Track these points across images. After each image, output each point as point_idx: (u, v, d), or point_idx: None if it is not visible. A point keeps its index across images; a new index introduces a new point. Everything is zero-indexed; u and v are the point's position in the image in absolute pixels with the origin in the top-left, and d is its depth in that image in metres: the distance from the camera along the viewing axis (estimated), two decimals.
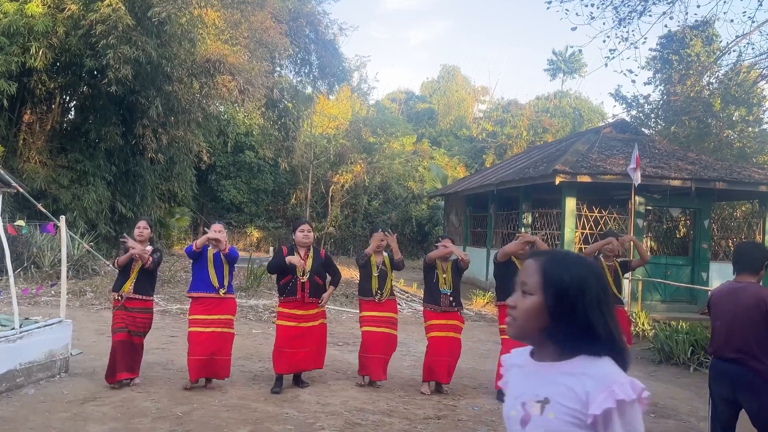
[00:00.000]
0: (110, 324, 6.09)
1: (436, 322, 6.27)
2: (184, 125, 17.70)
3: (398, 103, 41.99)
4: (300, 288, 6.04)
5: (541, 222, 14.64)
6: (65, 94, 17.70)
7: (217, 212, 27.04)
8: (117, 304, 5.99)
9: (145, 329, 6.05)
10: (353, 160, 27.19)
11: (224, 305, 6.00)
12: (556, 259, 1.60)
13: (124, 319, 5.89)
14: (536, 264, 1.60)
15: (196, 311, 5.96)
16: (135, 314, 5.94)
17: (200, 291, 5.97)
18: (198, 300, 5.97)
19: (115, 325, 5.91)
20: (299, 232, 6.20)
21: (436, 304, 6.27)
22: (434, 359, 6.20)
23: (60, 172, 16.14)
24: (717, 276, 13.47)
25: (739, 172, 13.62)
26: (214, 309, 5.90)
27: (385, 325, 6.32)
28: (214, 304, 5.91)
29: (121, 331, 5.85)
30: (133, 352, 5.91)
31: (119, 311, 5.94)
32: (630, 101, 21.51)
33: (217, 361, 5.89)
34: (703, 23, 15.41)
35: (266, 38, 17.04)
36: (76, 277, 12.90)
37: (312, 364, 6.21)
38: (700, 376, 7.84)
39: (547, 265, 1.58)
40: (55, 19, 13.68)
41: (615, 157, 13.67)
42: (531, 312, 1.56)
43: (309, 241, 6.22)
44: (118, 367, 5.79)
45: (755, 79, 15.80)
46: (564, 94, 40.25)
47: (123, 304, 5.92)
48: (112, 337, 5.92)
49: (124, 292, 5.94)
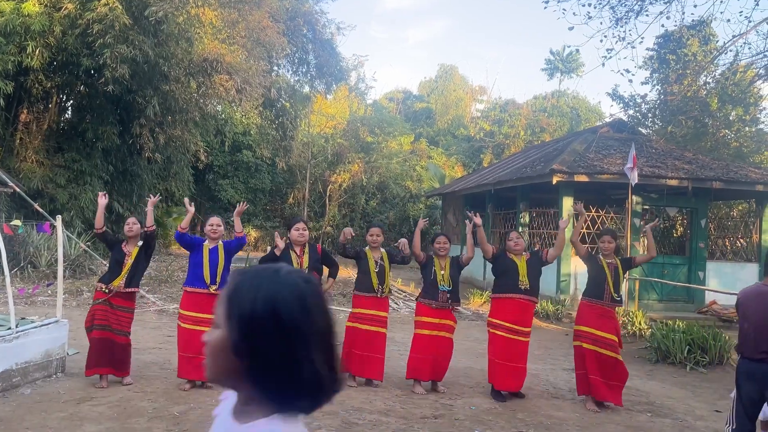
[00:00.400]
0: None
1: (427, 320, 6.24)
2: (181, 125, 17.68)
3: (396, 103, 41.99)
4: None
5: (539, 221, 14.66)
6: (62, 93, 17.66)
7: (215, 211, 26.91)
8: (101, 296, 5.86)
9: (128, 328, 5.97)
10: (351, 160, 27.19)
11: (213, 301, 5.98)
12: (247, 278, 1.17)
13: (107, 316, 5.81)
14: (227, 286, 1.19)
15: (186, 307, 5.92)
16: (119, 313, 5.88)
17: (193, 286, 5.92)
18: (190, 295, 5.93)
19: (96, 322, 5.78)
20: (294, 230, 6.25)
21: (432, 299, 6.24)
22: (418, 356, 6.18)
23: (57, 172, 16.11)
24: (714, 275, 13.52)
25: (735, 172, 13.65)
26: (206, 306, 5.75)
27: (380, 324, 6.31)
28: (205, 302, 5.79)
29: (102, 329, 5.76)
30: (113, 351, 5.81)
31: (101, 306, 5.83)
32: (627, 101, 21.54)
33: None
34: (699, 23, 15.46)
35: (264, 37, 17.03)
36: (73, 277, 12.89)
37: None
38: (696, 376, 7.86)
39: (235, 287, 1.16)
40: (51, 18, 13.65)
41: (612, 156, 13.69)
42: (216, 350, 1.16)
43: (304, 240, 6.25)
44: (97, 361, 5.75)
45: (752, 79, 15.85)
46: (561, 93, 40.29)
47: (108, 299, 5.83)
48: (91, 333, 5.79)
49: (113, 286, 5.86)
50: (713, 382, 7.53)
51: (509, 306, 6.08)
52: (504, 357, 6.03)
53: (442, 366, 6.25)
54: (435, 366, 6.20)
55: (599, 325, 5.96)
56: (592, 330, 5.96)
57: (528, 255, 6.28)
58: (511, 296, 6.07)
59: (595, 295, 6.07)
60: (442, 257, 6.40)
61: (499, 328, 6.09)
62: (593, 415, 5.78)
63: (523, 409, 5.84)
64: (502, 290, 6.15)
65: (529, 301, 6.12)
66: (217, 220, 6.18)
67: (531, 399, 6.21)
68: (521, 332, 6.08)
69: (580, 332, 6.07)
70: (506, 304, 6.10)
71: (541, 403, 6.11)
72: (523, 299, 6.08)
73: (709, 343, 8.26)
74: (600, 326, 5.96)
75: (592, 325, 5.98)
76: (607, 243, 6.32)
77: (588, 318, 6.03)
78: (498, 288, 6.22)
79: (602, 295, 6.04)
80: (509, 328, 6.04)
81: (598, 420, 5.63)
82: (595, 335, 5.93)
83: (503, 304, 6.12)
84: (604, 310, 6.03)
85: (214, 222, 6.16)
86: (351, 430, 4.94)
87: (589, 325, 5.99)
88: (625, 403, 6.18)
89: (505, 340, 6.02)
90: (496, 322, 6.14)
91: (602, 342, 5.92)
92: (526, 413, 5.69)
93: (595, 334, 5.94)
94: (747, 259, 14.28)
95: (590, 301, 6.09)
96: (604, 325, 5.97)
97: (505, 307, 6.10)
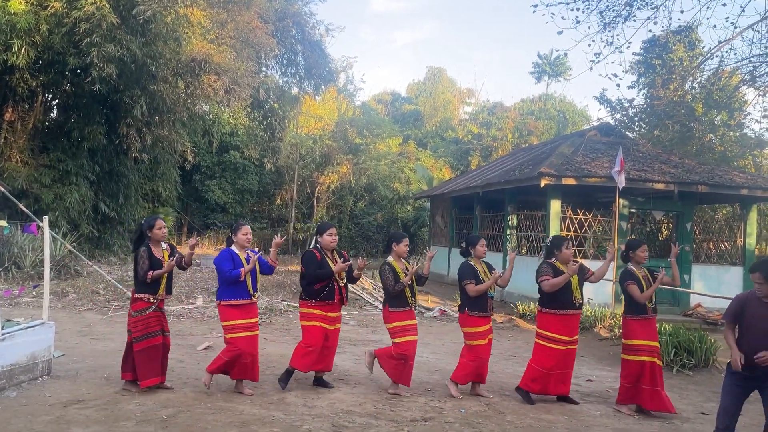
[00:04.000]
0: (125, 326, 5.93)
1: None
2: (168, 125, 17.59)
3: (384, 105, 42.05)
4: (338, 292, 6.18)
5: (526, 224, 14.73)
6: (48, 92, 17.50)
7: (202, 212, 26.88)
8: (146, 305, 5.77)
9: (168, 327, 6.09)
10: (339, 161, 27.17)
11: (255, 308, 6.07)
12: None
13: (160, 321, 5.87)
14: None
15: (235, 317, 5.86)
16: (163, 314, 5.97)
17: (238, 298, 5.87)
18: (236, 306, 5.90)
19: (151, 329, 5.76)
20: (327, 235, 6.23)
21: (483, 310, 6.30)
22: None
23: (42, 171, 15.95)
24: (699, 278, 13.65)
25: (720, 176, 13.80)
26: (250, 313, 5.93)
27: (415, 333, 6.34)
28: (249, 309, 5.93)
29: (158, 335, 5.81)
30: (165, 355, 5.92)
31: (155, 313, 5.82)
32: (614, 105, 21.74)
33: (255, 363, 5.95)
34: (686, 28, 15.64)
35: (252, 38, 16.98)
36: (58, 278, 12.74)
37: (331, 365, 6.44)
38: (682, 378, 7.93)
39: None
40: (38, 16, 13.52)
41: (599, 160, 13.78)
42: None
43: (335, 244, 6.29)
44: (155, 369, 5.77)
45: (737, 84, 16.04)
46: (549, 97, 40.53)
47: (158, 306, 5.86)
48: (148, 341, 5.73)
49: (160, 295, 5.87)
50: (699, 385, 7.60)
51: (565, 321, 6.17)
52: (560, 367, 6.17)
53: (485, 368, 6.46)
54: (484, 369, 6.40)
55: (650, 335, 6.10)
56: (646, 342, 6.05)
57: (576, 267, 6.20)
58: (568, 313, 6.16)
59: (639, 311, 6.13)
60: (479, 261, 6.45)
61: (554, 341, 6.16)
62: (582, 418, 5.82)
63: (512, 411, 5.86)
64: (559, 307, 6.16)
65: (580, 313, 6.30)
66: (247, 228, 6.11)
67: (520, 401, 6.24)
68: (573, 341, 6.23)
69: (636, 346, 6.07)
70: (561, 319, 6.17)
71: (530, 405, 6.13)
72: (576, 314, 6.23)
73: (695, 346, 8.33)
74: (650, 336, 6.10)
75: (644, 337, 6.06)
76: (645, 252, 6.31)
77: (638, 331, 6.09)
78: (554, 304, 6.18)
79: (645, 308, 6.13)
80: (564, 341, 6.15)
81: (586, 423, 5.66)
82: (651, 346, 6.05)
83: (558, 320, 6.18)
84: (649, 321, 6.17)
85: (244, 231, 6.07)
86: None
87: (642, 338, 6.06)
88: (611, 406, 6.24)
89: (558, 352, 6.15)
90: (552, 336, 6.18)
91: (656, 351, 6.08)
92: (516, 416, 5.71)
93: (650, 345, 6.05)
94: (731, 263, 14.44)
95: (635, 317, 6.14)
96: (653, 335, 6.14)
97: (560, 322, 6.17)
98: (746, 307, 4.58)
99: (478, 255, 6.43)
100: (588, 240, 14.65)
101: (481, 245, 6.44)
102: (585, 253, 14.10)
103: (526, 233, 14.71)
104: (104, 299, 11.41)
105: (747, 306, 4.58)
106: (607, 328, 10.75)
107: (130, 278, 13.39)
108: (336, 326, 6.29)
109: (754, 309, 4.54)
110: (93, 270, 13.23)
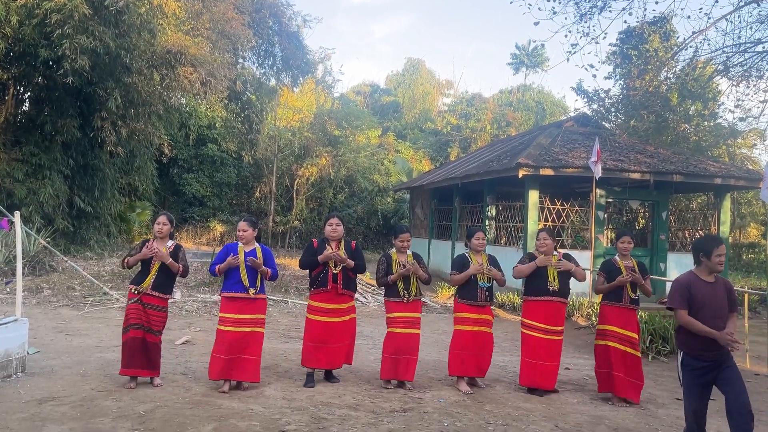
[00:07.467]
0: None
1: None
2: (144, 118, 17.30)
3: (363, 96, 41.85)
4: (331, 279, 6.08)
5: (505, 215, 14.81)
6: (19, 85, 17.13)
7: (179, 206, 26.58)
8: (132, 296, 5.83)
9: (160, 328, 5.92)
10: (318, 153, 27.04)
11: (255, 305, 5.92)
12: None
13: (140, 315, 5.79)
14: None
15: (227, 310, 5.87)
16: (150, 312, 5.83)
17: (232, 291, 5.86)
18: (230, 299, 5.88)
19: (131, 321, 5.75)
20: (327, 225, 6.22)
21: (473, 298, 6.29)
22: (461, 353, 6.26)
23: (14, 166, 15.64)
24: (675, 266, 13.86)
25: (695, 165, 14.01)
26: (245, 308, 5.84)
27: (412, 326, 6.25)
28: (245, 304, 5.85)
29: (136, 329, 5.74)
30: (146, 351, 5.79)
31: (135, 305, 5.80)
32: (591, 95, 21.95)
33: (244, 361, 5.80)
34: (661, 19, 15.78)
35: (228, 29, 16.76)
36: (33, 274, 12.53)
37: (343, 359, 6.29)
38: (658, 365, 8.07)
39: None
40: (8, 7, 13.20)
41: (576, 150, 13.90)
42: None
43: (337, 235, 6.21)
44: (133, 362, 5.71)
45: (711, 75, 16.25)
46: (527, 88, 40.70)
47: (140, 299, 5.80)
48: (126, 334, 5.74)
49: (143, 287, 5.81)
50: (674, 371, 7.71)
51: (541, 308, 6.23)
52: (537, 356, 6.19)
53: (486, 361, 6.38)
54: (479, 361, 6.32)
55: (624, 324, 6.18)
56: (617, 329, 6.18)
57: (560, 255, 6.36)
58: (541, 299, 6.22)
59: (614, 298, 6.27)
60: (478, 253, 6.42)
61: (532, 328, 6.24)
62: (559, 405, 5.88)
63: (491, 400, 5.91)
64: (533, 293, 6.29)
65: (560, 302, 6.26)
66: (244, 224, 6.02)
67: (499, 390, 6.29)
68: (553, 331, 6.23)
69: (606, 331, 6.24)
70: (538, 306, 6.25)
71: (509, 394, 6.19)
72: (553, 301, 6.22)
73: (670, 333, 8.48)
74: (624, 325, 6.18)
75: (616, 324, 6.19)
76: (627, 243, 6.38)
77: (611, 318, 6.24)
78: (529, 291, 6.33)
79: (620, 297, 6.24)
80: (542, 329, 6.20)
81: (563, 410, 5.73)
82: (621, 334, 6.15)
83: (535, 306, 6.27)
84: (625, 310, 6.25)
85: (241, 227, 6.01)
86: (320, 425, 4.93)
87: (614, 324, 6.20)
88: (588, 393, 6.32)
89: (537, 340, 6.20)
90: (529, 323, 6.28)
91: (627, 340, 6.15)
92: (494, 405, 5.76)
93: (620, 332, 6.15)
94: None
95: (610, 304, 6.29)
96: (628, 325, 6.20)
97: (537, 309, 6.25)
98: (693, 290, 4.37)
99: (473, 247, 6.44)
100: (566, 230, 14.79)
101: (476, 238, 6.42)
102: (563, 243, 14.23)
103: (505, 224, 14.80)
104: (80, 295, 11.26)
105: (693, 288, 4.38)
106: (585, 317, 10.89)
107: (107, 273, 13.22)
108: (342, 319, 6.16)
109: (701, 290, 4.37)
110: (68, 266, 13.03)
